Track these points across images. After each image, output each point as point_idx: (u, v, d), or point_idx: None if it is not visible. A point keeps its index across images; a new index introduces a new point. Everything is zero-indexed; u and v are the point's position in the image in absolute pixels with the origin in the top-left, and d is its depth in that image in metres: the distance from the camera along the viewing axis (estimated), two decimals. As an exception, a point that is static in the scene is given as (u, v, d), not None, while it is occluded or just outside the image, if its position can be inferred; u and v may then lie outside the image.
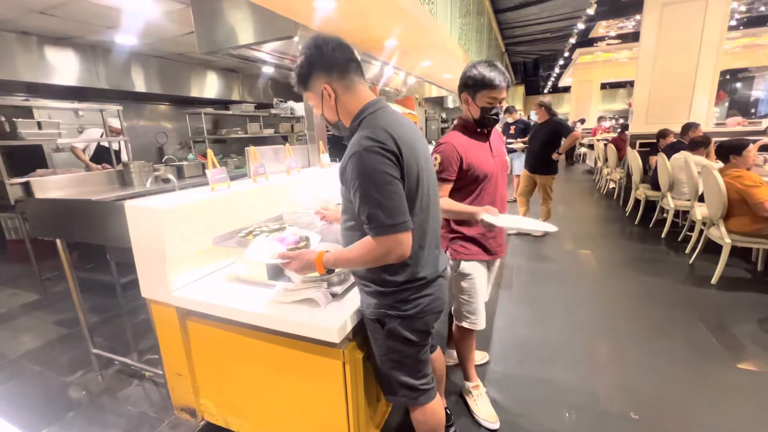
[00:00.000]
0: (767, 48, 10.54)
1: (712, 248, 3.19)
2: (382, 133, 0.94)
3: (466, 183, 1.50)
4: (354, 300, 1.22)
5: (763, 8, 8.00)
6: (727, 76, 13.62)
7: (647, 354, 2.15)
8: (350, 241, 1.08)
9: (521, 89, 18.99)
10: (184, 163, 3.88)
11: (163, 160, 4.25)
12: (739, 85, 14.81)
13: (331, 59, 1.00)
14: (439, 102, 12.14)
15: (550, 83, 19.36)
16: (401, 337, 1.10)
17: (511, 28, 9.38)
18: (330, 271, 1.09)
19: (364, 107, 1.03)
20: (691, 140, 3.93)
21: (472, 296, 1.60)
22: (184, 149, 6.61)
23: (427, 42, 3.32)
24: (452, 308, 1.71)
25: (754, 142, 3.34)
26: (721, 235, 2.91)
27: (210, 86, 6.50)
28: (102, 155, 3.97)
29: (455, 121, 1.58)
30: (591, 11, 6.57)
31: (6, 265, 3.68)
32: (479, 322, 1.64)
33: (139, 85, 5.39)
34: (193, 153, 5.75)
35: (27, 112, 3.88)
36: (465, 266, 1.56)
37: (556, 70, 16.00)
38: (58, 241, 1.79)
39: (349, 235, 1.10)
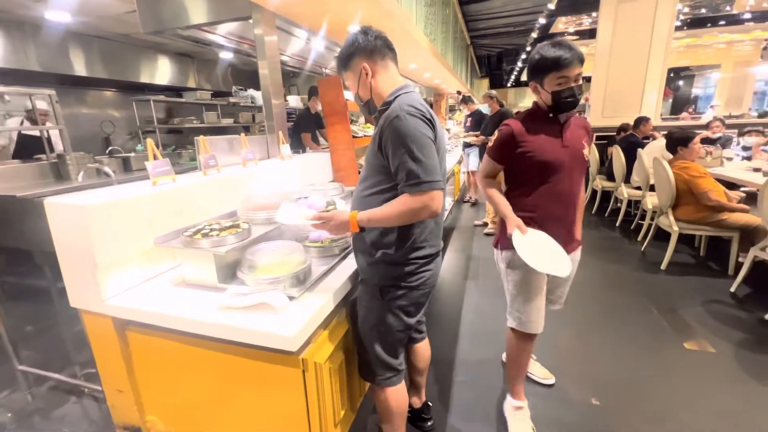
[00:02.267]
0: (707, 48, 11.38)
1: (661, 236, 3.38)
2: (419, 104, 1.05)
3: (526, 172, 1.38)
4: (315, 301, 1.14)
5: (704, 10, 8.59)
6: (671, 74, 14.62)
7: (605, 339, 2.24)
8: (371, 206, 1.11)
9: (486, 82, 19.35)
10: (131, 154, 3.56)
11: (107, 152, 3.88)
12: (681, 82, 15.97)
13: (373, 44, 1.12)
14: (406, 93, 12.07)
15: (513, 77, 19.88)
16: (398, 307, 1.17)
17: (475, 20, 9.46)
18: (362, 230, 1.13)
19: (399, 88, 1.13)
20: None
21: (519, 290, 1.46)
22: (134, 140, 6.11)
23: (390, 28, 3.23)
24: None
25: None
26: (669, 223, 3.08)
27: (162, 71, 6.01)
28: (27, 147, 3.41)
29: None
30: (552, 6, 6.74)
31: None
32: (529, 324, 1.46)
33: (79, 68, 4.87)
34: (143, 144, 5.33)
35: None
36: (514, 256, 1.38)
37: (519, 64, 16.42)
38: (-32, 244, 1.55)
39: (367, 201, 1.13)
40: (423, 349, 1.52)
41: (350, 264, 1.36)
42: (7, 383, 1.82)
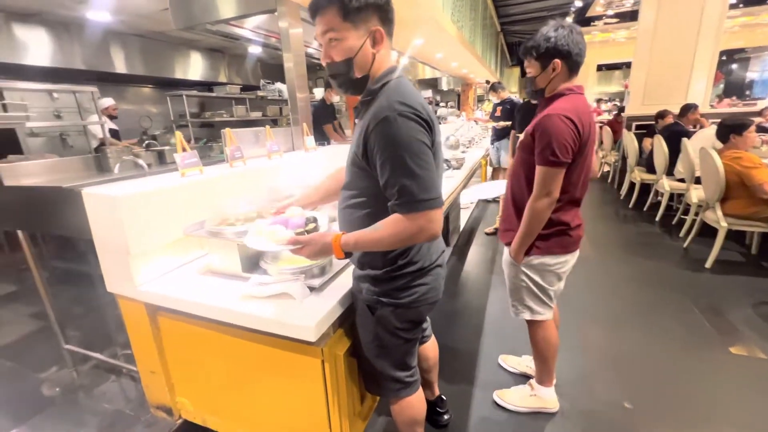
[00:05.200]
0: (766, 27, 10.37)
1: (706, 232, 3.15)
2: (413, 100, 0.85)
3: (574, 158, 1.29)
4: (335, 293, 1.14)
5: (763, -15, 7.81)
6: (724, 57, 13.46)
7: (641, 339, 2.12)
8: (351, 220, 1.00)
9: (517, 71, 18.65)
10: (166, 147, 3.71)
11: (144, 145, 4.07)
12: (735, 66, 14.67)
13: (389, 5, 0.90)
14: (432, 84, 11.89)
15: (546, 65, 19.01)
16: (391, 326, 1.05)
17: (506, 5, 9.11)
18: (348, 255, 0.97)
19: (388, 71, 0.93)
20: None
21: None
22: (169, 133, 6.39)
23: (416, 15, 3.15)
24: None
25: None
26: (717, 218, 2.86)
27: (195, 67, 6.23)
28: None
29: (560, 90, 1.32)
30: (589, -13, 6.34)
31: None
32: None
33: (119, 65, 5.13)
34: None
35: (-1, 95, 3.66)
36: None
37: (553, 50, 15.65)
38: (19, 231, 1.67)
39: (350, 213, 1.00)
40: (427, 349, 1.43)
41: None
42: (57, 360, 1.97)
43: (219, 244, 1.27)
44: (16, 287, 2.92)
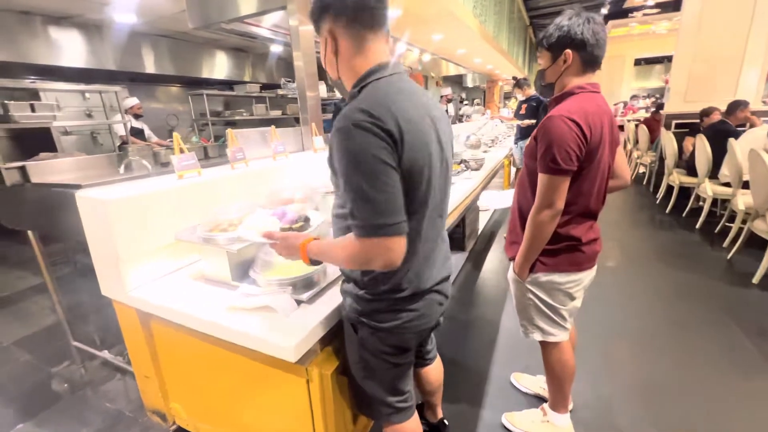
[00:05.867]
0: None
1: (754, 242, 2.84)
2: (380, 107, 0.73)
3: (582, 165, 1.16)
4: (324, 307, 1.06)
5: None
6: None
7: (673, 362, 1.92)
8: (339, 229, 0.95)
9: (547, 66, 17.93)
10: (186, 146, 3.78)
11: (166, 143, 4.18)
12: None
13: (342, 1, 0.80)
14: (457, 80, 11.61)
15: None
16: (375, 348, 0.97)
17: (536, -2, 8.71)
18: (315, 263, 0.92)
19: (371, 70, 0.82)
20: None
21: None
22: (193, 132, 6.55)
23: (434, 10, 3.01)
24: None
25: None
26: (767, 228, 2.57)
27: (220, 66, 6.34)
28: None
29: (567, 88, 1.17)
30: (627, -24, 5.93)
31: (18, 246, 3.75)
32: None
33: (149, 66, 5.30)
34: (197, 136, 5.67)
35: (35, 96, 3.86)
36: None
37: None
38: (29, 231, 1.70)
39: (338, 221, 0.95)
40: (430, 373, 1.32)
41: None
42: (67, 356, 2.02)
43: (209, 250, 1.22)
44: (42, 279, 3.05)
